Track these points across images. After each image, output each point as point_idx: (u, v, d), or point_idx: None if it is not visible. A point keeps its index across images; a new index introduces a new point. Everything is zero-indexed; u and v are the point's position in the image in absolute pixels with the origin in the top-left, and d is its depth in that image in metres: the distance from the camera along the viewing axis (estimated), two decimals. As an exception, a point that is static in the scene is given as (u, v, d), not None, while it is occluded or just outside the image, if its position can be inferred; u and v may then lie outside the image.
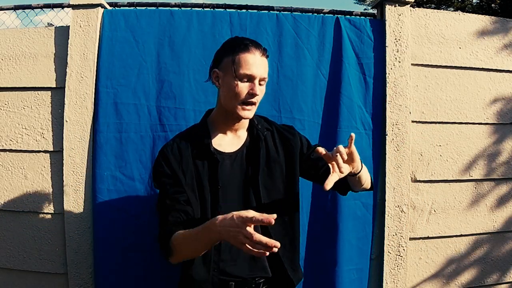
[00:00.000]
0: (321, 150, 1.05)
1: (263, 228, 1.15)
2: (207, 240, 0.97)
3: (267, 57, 1.15)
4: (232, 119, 1.18)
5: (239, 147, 1.21)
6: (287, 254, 1.21)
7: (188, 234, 1.02)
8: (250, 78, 1.11)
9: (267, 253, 0.86)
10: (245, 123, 1.23)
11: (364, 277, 1.79)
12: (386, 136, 1.79)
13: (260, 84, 1.13)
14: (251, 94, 1.11)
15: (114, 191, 1.69)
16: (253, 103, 1.13)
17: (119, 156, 1.70)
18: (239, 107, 1.12)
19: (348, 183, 1.23)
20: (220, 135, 1.21)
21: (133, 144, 1.71)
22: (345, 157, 1.04)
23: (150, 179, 1.70)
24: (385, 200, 1.79)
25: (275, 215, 0.84)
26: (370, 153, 1.79)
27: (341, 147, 1.04)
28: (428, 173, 1.85)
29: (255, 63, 1.11)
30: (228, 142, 1.21)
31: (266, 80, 1.15)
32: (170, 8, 1.82)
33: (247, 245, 0.86)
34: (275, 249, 0.85)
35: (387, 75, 1.81)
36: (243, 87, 1.11)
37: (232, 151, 1.20)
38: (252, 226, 0.86)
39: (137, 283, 1.69)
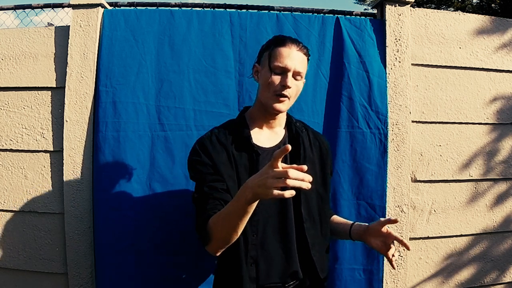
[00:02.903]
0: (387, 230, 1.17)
1: (298, 228, 1.17)
2: (240, 206, 0.92)
3: (305, 54, 1.16)
4: (269, 113, 1.19)
5: (276, 142, 1.21)
6: (317, 255, 1.20)
7: (222, 210, 1.00)
8: (284, 70, 1.12)
9: (303, 185, 0.82)
10: (282, 120, 1.24)
11: (375, 280, 1.76)
12: (387, 136, 1.79)
13: (295, 79, 1.14)
14: (283, 85, 1.12)
15: (112, 191, 1.68)
16: (285, 96, 1.13)
17: (117, 156, 1.69)
18: (273, 98, 1.13)
19: (333, 230, 1.33)
20: (257, 130, 1.21)
21: (131, 143, 1.69)
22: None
23: (148, 179, 1.70)
24: (385, 200, 1.78)
25: (289, 146, 0.82)
26: (376, 152, 1.78)
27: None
28: (428, 173, 1.85)
29: (289, 56, 1.12)
30: (265, 137, 1.21)
31: (302, 75, 1.16)
32: (170, 8, 1.82)
33: (275, 190, 0.82)
34: (308, 180, 0.82)
35: (387, 75, 1.81)
36: (276, 79, 1.12)
37: (270, 146, 1.20)
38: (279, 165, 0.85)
39: (137, 283, 1.68)
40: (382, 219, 1.18)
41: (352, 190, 1.76)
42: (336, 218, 1.39)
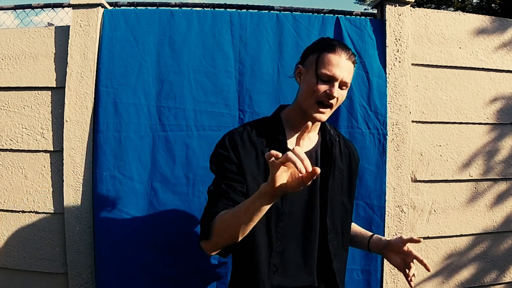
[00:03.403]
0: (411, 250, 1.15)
1: (323, 239, 1.14)
2: (255, 205, 0.89)
3: (353, 62, 1.11)
4: (306, 119, 1.09)
5: (309, 148, 1.16)
6: (338, 266, 1.17)
7: (233, 209, 0.96)
8: (331, 79, 1.07)
9: (316, 170, 0.80)
10: (317, 125, 1.19)
11: (373, 280, 1.77)
12: (386, 136, 1.79)
13: (341, 89, 1.09)
14: (328, 95, 1.06)
15: (113, 191, 1.69)
16: (328, 106, 1.08)
17: (118, 156, 1.69)
18: (315, 106, 1.08)
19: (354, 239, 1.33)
20: (291, 133, 1.15)
21: (132, 144, 1.70)
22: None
23: (150, 179, 1.70)
24: (385, 200, 1.79)
25: (318, 170, 0.80)
26: (375, 152, 1.78)
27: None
28: (428, 173, 1.85)
29: (339, 65, 1.06)
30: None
31: (348, 86, 1.11)
32: (170, 8, 1.82)
33: (290, 180, 0.84)
34: (317, 171, 0.80)
35: (387, 75, 1.81)
36: (321, 87, 1.07)
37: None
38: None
39: (137, 283, 1.68)
40: (404, 236, 1.16)
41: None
42: (354, 226, 1.36)
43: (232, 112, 1.74)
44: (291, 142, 1.13)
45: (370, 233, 1.30)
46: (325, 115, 1.10)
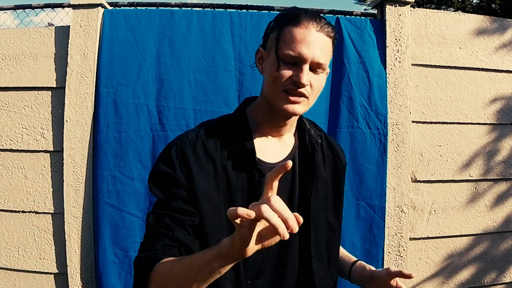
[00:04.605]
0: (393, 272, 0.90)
1: (306, 270, 0.88)
2: (212, 266, 0.63)
3: (329, 35, 0.80)
4: (276, 116, 0.85)
5: (284, 156, 0.88)
6: None
7: (182, 262, 0.68)
8: (297, 61, 0.78)
9: (299, 219, 0.57)
10: (293, 125, 0.90)
11: None
12: (387, 136, 1.79)
13: (314, 72, 0.80)
14: (294, 81, 0.78)
15: (114, 191, 1.69)
16: (299, 94, 0.79)
17: (119, 156, 1.70)
18: (282, 96, 0.80)
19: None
20: (260, 138, 0.87)
21: (133, 144, 1.71)
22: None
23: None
24: (385, 201, 1.79)
25: (290, 163, 0.58)
26: (375, 152, 1.78)
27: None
28: (428, 173, 1.85)
29: (305, 41, 0.77)
30: (271, 149, 0.88)
31: (325, 66, 0.81)
32: (170, 8, 1.83)
33: (264, 236, 0.60)
34: (293, 227, 0.55)
35: (387, 75, 1.81)
36: (285, 72, 0.79)
37: (276, 161, 0.86)
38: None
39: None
40: (392, 268, 0.91)
41: (351, 190, 1.76)
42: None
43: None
44: (260, 150, 0.84)
45: (354, 259, 1.06)
46: (299, 105, 0.80)
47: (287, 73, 0.78)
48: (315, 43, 0.78)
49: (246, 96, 1.74)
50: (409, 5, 1.85)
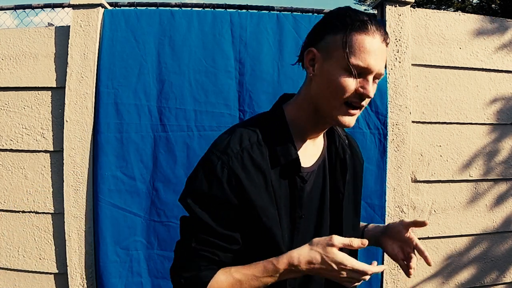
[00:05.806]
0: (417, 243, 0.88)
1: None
2: (276, 277, 0.75)
3: (387, 44, 0.78)
4: (324, 122, 0.82)
5: (315, 159, 0.86)
6: None
7: (235, 274, 0.75)
8: (364, 72, 0.75)
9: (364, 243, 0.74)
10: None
11: (373, 277, 1.77)
12: (387, 136, 1.79)
13: (374, 82, 0.79)
14: (361, 94, 0.76)
15: (116, 191, 1.70)
16: (360, 107, 0.78)
17: (120, 156, 1.71)
18: (342, 108, 0.77)
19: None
20: (300, 142, 0.84)
21: (134, 144, 1.71)
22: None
23: (152, 179, 1.71)
24: (385, 201, 1.79)
25: (366, 241, 0.73)
26: (375, 152, 1.78)
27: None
28: (428, 173, 1.85)
29: (375, 52, 0.74)
30: (307, 152, 0.85)
31: (383, 76, 0.81)
32: (171, 8, 1.83)
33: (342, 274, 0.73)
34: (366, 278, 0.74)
35: (387, 75, 1.81)
36: (351, 82, 0.75)
37: (310, 165, 0.85)
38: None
39: (138, 283, 1.69)
40: (406, 220, 0.90)
41: (352, 190, 1.77)
42: None
43: (232, 112, 1.74)
44: (300, 156, 0.82)
45: (365, 224, 1.06)
46: (355, 117, 0.79)
47: (352, 84, 0.75)
48: (381, 54, 0.76)
49: (246, 96, 1.76)
50: (409, 5, 1.85)
